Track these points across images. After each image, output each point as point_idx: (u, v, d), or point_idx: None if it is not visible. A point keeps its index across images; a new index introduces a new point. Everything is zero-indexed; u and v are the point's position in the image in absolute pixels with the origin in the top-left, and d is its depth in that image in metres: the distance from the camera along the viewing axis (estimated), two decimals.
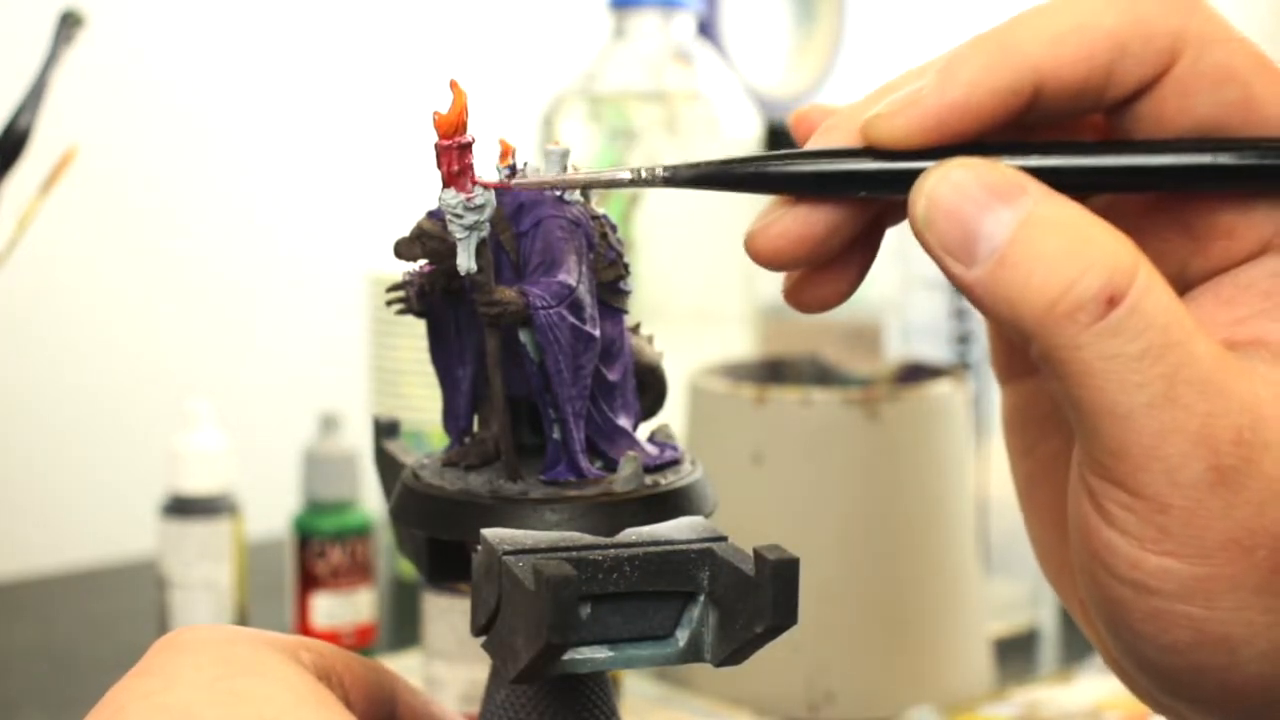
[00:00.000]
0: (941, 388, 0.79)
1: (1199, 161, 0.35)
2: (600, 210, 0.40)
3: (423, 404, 0.96)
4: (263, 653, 0.36)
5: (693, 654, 0.37)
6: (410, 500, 0.39)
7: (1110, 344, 0.33)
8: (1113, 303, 0.33)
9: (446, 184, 0.36)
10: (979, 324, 0.90)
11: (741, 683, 0.77)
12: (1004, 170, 0.34)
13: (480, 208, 0.37)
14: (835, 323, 1.10)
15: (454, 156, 0.36)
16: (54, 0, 0.79)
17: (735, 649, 0.36)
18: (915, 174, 0.35)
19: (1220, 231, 0.37)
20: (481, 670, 0.71)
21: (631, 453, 0.38)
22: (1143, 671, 0.36)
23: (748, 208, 0.38)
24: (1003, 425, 0.43)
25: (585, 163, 0.95)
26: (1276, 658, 0.35)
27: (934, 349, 0.91)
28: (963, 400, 0.80)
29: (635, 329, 0.42)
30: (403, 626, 0.94)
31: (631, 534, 0.36)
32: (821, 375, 0.86)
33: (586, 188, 0.39)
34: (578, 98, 1.00)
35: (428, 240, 0.39)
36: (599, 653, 0.36)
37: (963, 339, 0.91)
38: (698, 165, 0.37)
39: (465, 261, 0.37)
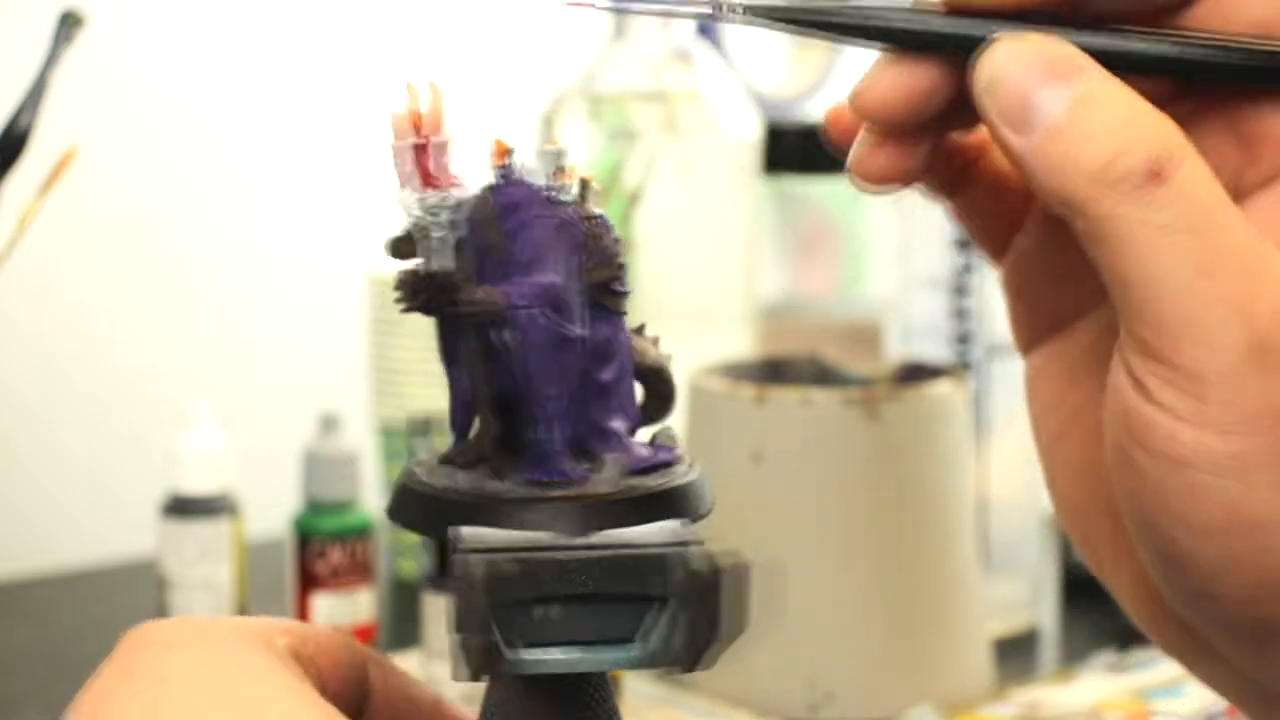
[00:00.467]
0: (941, 388, 0.79)
1: (1245, 61, 0.37)
2: (598, 210, 0.40)
3: (423, 404, 0.96)
4: (247, 651, 0.36)
5: (659, 658, 0.37)
6: (400, 498, 0.39)
7: (1153, 215, 0.34)
8: (1157, 177, 0.34)
9: (424, 184, 0.37)
10: (979, 324, 0.90)
11: (741, 683, 0.77)
12: (1066, 49, 0.36)
13: (456, 206, 0.37)
14: (835, 323, 1.09)
15: (427, 155, 0.36)
16: (54, 0, 0.79)
17: (698, 654, 0.36)
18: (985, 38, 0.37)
19: (1273, 138, 0.38)
20: None
21: (615, 454, 0.38)
22: (1171, 570, 0.36)
23: (747, 207, 0.38)
24: (1027, 392, 0.43)
25: (585, 164, 0.94)
26: None
27: (934, 349, 0.91)
28: (963, 400, 0.80)
29: (640, 330, 0.42)
30: (403, 626, 0.94)
31: (603, 536, 0.37)
32: (821, 375, 0.85)
33: (659, 16, 0.39)
34: (577, 98, 1.00)
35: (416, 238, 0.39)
36: (570, 654, 0.36)
37: (963, 339, 0.91)
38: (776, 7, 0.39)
39: (443, 260, 0.37)
